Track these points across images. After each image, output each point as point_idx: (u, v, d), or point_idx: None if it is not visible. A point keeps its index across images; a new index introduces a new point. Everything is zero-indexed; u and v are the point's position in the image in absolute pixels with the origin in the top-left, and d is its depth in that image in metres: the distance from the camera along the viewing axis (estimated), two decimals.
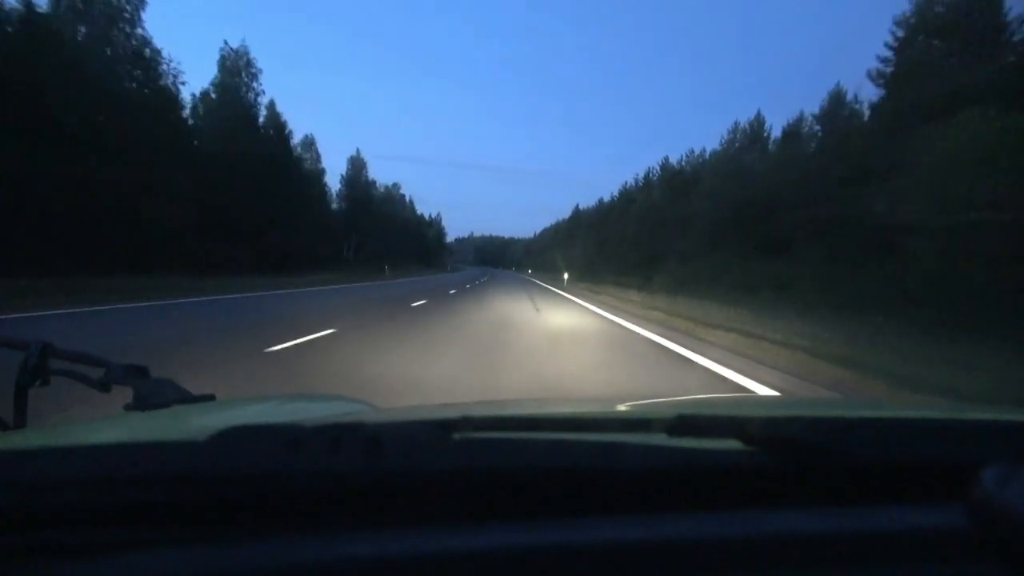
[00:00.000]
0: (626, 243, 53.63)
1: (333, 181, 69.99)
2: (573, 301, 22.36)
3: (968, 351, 8.09)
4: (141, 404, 0.94)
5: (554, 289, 34.73)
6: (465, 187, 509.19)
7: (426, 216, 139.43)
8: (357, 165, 72.28)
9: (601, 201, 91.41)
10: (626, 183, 76.81)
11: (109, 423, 0.93)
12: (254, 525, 0.57)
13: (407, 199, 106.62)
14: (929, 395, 5.52)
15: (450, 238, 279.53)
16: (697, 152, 53.70)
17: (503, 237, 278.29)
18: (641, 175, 68.87)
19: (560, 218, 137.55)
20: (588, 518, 0.59)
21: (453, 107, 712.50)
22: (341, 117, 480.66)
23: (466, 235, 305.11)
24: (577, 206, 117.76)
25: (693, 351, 8.41)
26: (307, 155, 53.85)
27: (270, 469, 0.58)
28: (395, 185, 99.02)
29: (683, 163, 54.45)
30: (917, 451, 0.72)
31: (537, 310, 16.55)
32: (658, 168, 61.72)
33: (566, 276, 45.02)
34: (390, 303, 17.45)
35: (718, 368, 6.95)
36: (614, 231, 62.92)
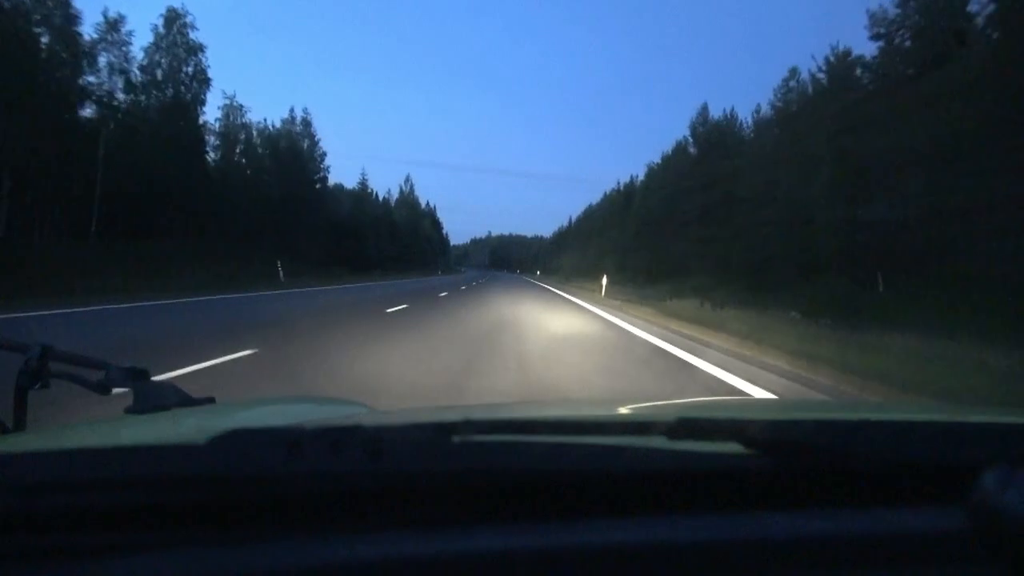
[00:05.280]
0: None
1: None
2: None
3: None
4: (141, 407, 0.94)
5: None
6: (480, 191, 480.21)
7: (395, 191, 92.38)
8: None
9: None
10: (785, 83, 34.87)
11: (109, 426, 0.93)
12: (254, 528, 0.57)
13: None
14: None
15: (466, 239, 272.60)
16: None
17: (524, 236, 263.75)
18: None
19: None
20: (588, 521, 0.59)
21: (463, 111, 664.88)
22: (351, 121, 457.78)
23: (484, 236, 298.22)
24: (682, 140, 49.01)
25: None
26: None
27: (270, 472, 0.58)
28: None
29: None
30: (917, 454, 0.72)
31: None
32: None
33: None
34: None
35: None
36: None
